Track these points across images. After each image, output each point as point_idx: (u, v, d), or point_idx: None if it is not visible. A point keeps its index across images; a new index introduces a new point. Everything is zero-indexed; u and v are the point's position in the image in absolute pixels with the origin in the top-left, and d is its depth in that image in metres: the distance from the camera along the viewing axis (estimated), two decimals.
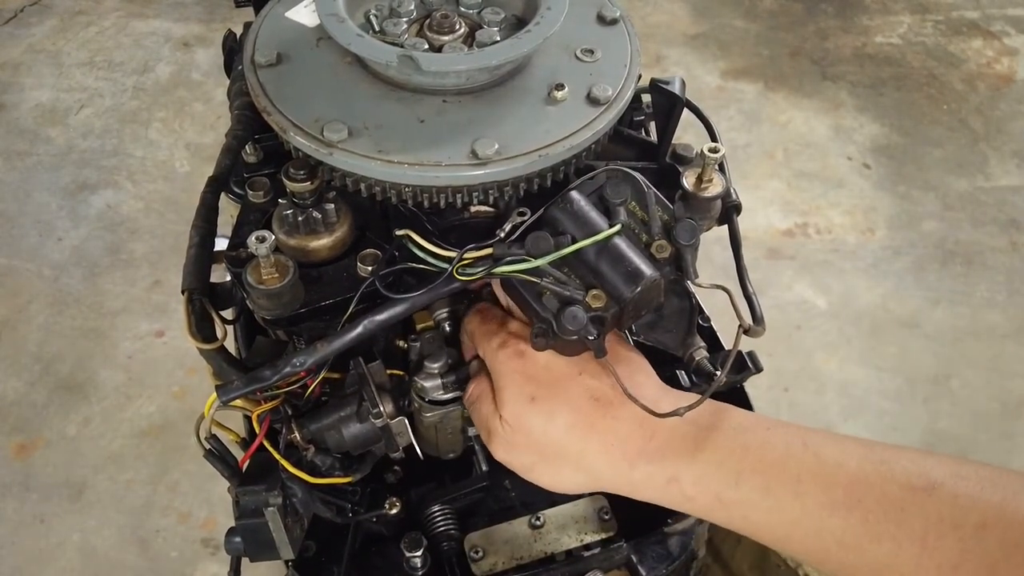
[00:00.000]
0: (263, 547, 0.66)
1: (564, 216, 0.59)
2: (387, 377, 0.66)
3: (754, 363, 0.72)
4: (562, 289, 0.57)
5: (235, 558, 0.70)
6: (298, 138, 0.60)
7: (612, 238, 0.58)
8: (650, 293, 0.58)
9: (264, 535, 0.65)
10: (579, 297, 0.57)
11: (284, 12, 0.71)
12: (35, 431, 1.91)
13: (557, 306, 0.57)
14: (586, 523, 0.78)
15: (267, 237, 0.57)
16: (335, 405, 0.65)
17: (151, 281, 2.21)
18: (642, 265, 0.57)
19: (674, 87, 0.70)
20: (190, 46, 2.95)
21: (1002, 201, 2.50)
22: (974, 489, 0.51)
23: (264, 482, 0.64)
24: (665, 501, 0.60)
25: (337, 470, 0.67)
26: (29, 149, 2.57)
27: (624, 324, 0.60)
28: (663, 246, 0.59)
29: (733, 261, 0.70)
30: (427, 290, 0.59)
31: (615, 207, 0.59)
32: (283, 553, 0.67)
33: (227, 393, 0.59)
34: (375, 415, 0.61)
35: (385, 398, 0.64)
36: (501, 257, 0.57)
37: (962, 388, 2.05)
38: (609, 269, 0.57)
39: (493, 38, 0.67)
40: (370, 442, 0.66)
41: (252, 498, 0.64)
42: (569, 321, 0.56)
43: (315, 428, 0.65)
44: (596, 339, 0.57)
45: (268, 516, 0.64)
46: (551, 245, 0.57)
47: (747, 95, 2.83)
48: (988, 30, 3.13)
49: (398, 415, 0.63)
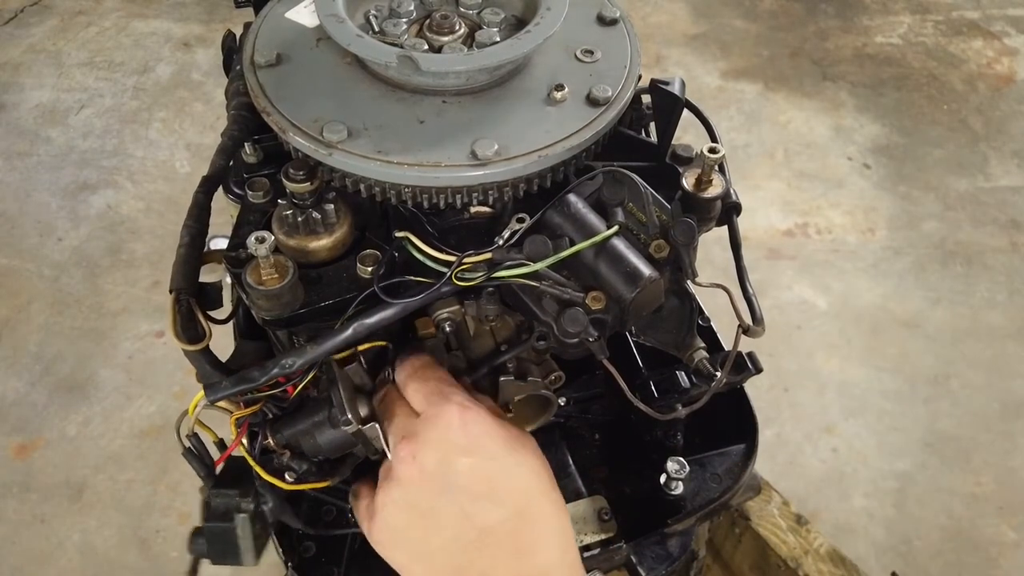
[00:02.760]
0: (227, 551, 0.65)
1: (562, 219, 0.59)
2: (368, 379, 0.65)
3: (754, 364, 0.72)
4: (561, 292, 0.57)
5: (195, 559, 0.69)
6: (297, 139, 0.60)
7: (610, 239, 0.57)
8: (650, 293, 0.58)
9: (230, 539, 0.64)
10: (579, 299, 0.57)
11: (284, 13, 0.71)
12: (35, 431, 1.91)
13: (557, 309, 0.57)
14: (586, 524, 0.78)
15: (267, 238, 0.57)
16: (309, 410, 0.63)
17: (151, 281, 2.21)
18: (641, 265, 0.57)
19: (674, 88, 0.69)
20: (190, 46, 2.95)
21: (1002, 201, 2.50)
22: None
23: (238, 487, 0.64)
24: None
25: (313, 475, 0.65)
26: (29, 149, 2.57)
27: (626, 325, 0.60)
28: (661, 245, 0.59)
29: (733, 262, 0.70)
30: (423, 295, 0.59)
31: (612, 208, 0.59)
32: (246, 560, 0.65)
33: (215, 392, 0.58)
34: (343, 422, 0.59)
35: (361, 401, 0.62)
36: (500, 262, 0.57)
37: (962, 388, 2.05)
38: (608, 270, 0.57)
39: (493, 39, 0.66)
40: (346, 447, 0.64)
41: (224, 501, 0.63)
42: (569, 323, 0.55)
43: (289, 433, 0.63)
44: (597, 341, 0.56)
45: (238, 522, 0.63)
46: (549, 248, 0.57)
47: (747, 95, 2.83)
48: (988, 30, 3.13)
49: (372, 420, 0.61)
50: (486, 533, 0.58)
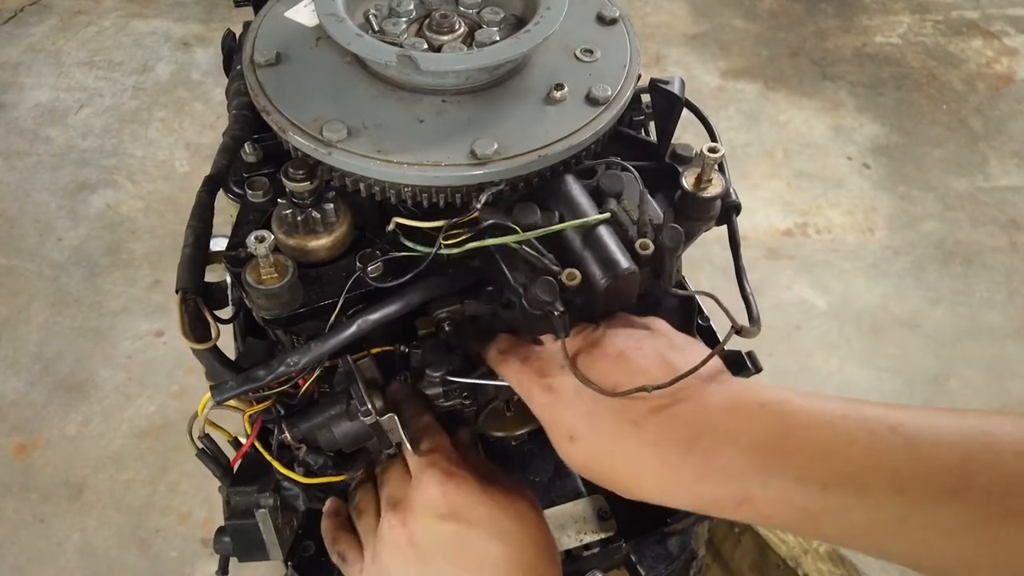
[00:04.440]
0: (253, 548, 0.66)
1: (555, 195, 0.59)
2: (379, 373, 0.66)
3: (754, 363, 0.72)
4: (538, 261, 0.57)
5: (223, 558, 0.70)
6: (297, 138, 0.60)
7: (598, 225, 0.58)
8: (624, 285, 0.57)
9: (254, 536, 0.65)
10: (555, 271, 0.56)
11: (283, 12, 0.71)
12: (35, 431, 1.91)
13: (531, 277, 0.56)
14: (585, 523, 0.78)
15: (266, 237, 0.57)
16: (325, 404, 0.64)
17: (151, 281, 2.21)
18: (621, 256, 0.57)
19: (674, 87, 0.70)
20: (190, 46, 2.95)
21: (1002, 201, 2.50)
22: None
23: (256, 483, 0.64)
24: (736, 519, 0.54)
25: (330, 468, 0.66)
26: (29, 149, 2.57)
27: (595, 314, 0.59)
28: (646, 244, 0.59)
29: (732, 261, 0.70)
30: (421, 286, 0.59)
31: (607, 199, 0.59)
32: (272, 554, 0.66)
33: (222, 393, 0.59)
34: (363, 412, 0.60)
35: (375, 395, 0.63)
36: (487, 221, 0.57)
37: (962, 388, 2.05)
38: (588, 253, 0.57)
39: (492, 38, 0.67)
40: (362, 440, 0.65)
41: (243, 499, 0.64)
42: (542, 290, 0.54)
43: (305, 427, 0.64)
44: (562, 315, 0.55)
45: (259, 517, 0.64)
46: (538, 216, 0.57)
47: (747, 95, 2.83)
48: (988, 30, 3.13)
49: (388, 411, 0.62)
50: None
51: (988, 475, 0.46)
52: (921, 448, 0.48)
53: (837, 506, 0.49)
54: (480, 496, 0.61)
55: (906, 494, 0.47)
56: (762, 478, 0.51)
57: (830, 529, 0.50)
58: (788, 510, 0.50)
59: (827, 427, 0.51)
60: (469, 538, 0.59)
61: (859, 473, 0.49)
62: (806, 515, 0.50)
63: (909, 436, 0.49)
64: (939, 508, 0.47)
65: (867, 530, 0.49)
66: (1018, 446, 0.46)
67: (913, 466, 0.48)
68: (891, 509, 0.48)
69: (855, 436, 0.50)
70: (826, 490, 0.49)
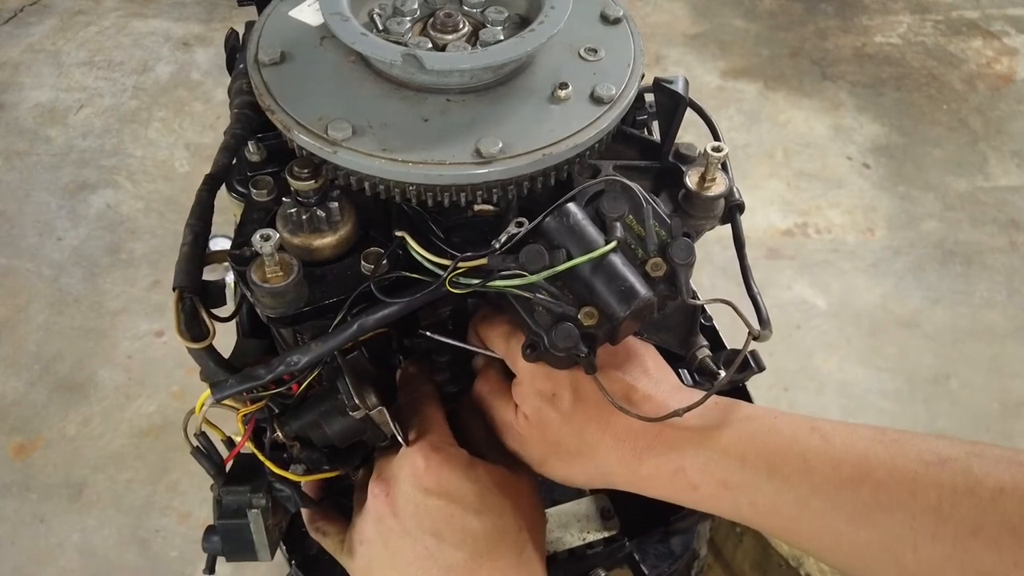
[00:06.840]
0: (242, 548, 0.66)
1: (560, 229, 0.58)
2: (371, 366, 0.65)
3: (756, 362, 0.72)
4: (555, 305, 0.57)
5: (211, 557, 0.70)
6: (302, 136, 0.60)
7: (608, 255, 0.57)
8: (643, 312, 0.58)
9: (244, 536, 0.65)
10: (572, 313, 0.57)
11: (287, 11, 0.71)
12: (35, 431, 1.91)
13: (549, 321, 0.57)
14: (589, 521, 0.78)
15: (271, 235, 0.57)
16: (315, 400, 0.64)
17: (151, 281, 2.21)
18: (637, 284, 0.57)
19: (678, 86, 0.70)
20: (190, 46, 2.95)
21: (1002, 201, 2.51)
22: (988, 463, 0.49)
23: (249, 483, 0.64)
24: (671, 494, 0.60)
25: (325, 465, 0.66)
26: (29, 149, 2.57)
27: (617, 340, 0.59)
28: (658, 264, 0.58)
29: (733, 261, 0.70)
30: (422, 294, 0.59)
31: (612, 222, 0.59)
32: (260, 556, 0.66)
33: (221, 391, 0.59)
34: (351, 408, 0.60)
35: (366, 389, 0.63)
36: (495, 269, 0.57)
37: (962, 388, 2.05)
38: (603, 286, 0.57)
39: (497, 37, 0.67)
40: (355, 434, 0.65)
41: (235, 498, 0.64)
42: (561, 338, 0.55)
43: (297, 425, 0.64)
44: (587, 356, 0.57)
45: (251, 517, 0.64)
46: (546, 260, 0.56)
47: (747, 95, 2.83)
48: (988, 30, 3.13)
49: (379, 405, 0.62)
50: (448, 573, 0.59)
51: (884, 471, 0.52)
52: (833, 445, 0.55)
53: (750, 482, 0.56)
54: (467, 471, 0.62)
55: (811, 478, 0.54)
56: (695, 447, 0.58)
57: (746, 506, 0.57)
58: (711, 481, 0.57)
59: (759, 419, 0.59)
60: (452, 512, 0.60)
61: (772, 454, 0.56)
62: (726, 488, 0.57)
63: (825, 434, 0.56)
64: (839, 494, 0.52)
65: (775, 509, 0.55)
66: (924, 455, 0.51)
67: (821, 456, 0.54)
68: (797, 491, 0.54)
69: (779, 427, 0.57)
70: (743, 464, 0.56)
